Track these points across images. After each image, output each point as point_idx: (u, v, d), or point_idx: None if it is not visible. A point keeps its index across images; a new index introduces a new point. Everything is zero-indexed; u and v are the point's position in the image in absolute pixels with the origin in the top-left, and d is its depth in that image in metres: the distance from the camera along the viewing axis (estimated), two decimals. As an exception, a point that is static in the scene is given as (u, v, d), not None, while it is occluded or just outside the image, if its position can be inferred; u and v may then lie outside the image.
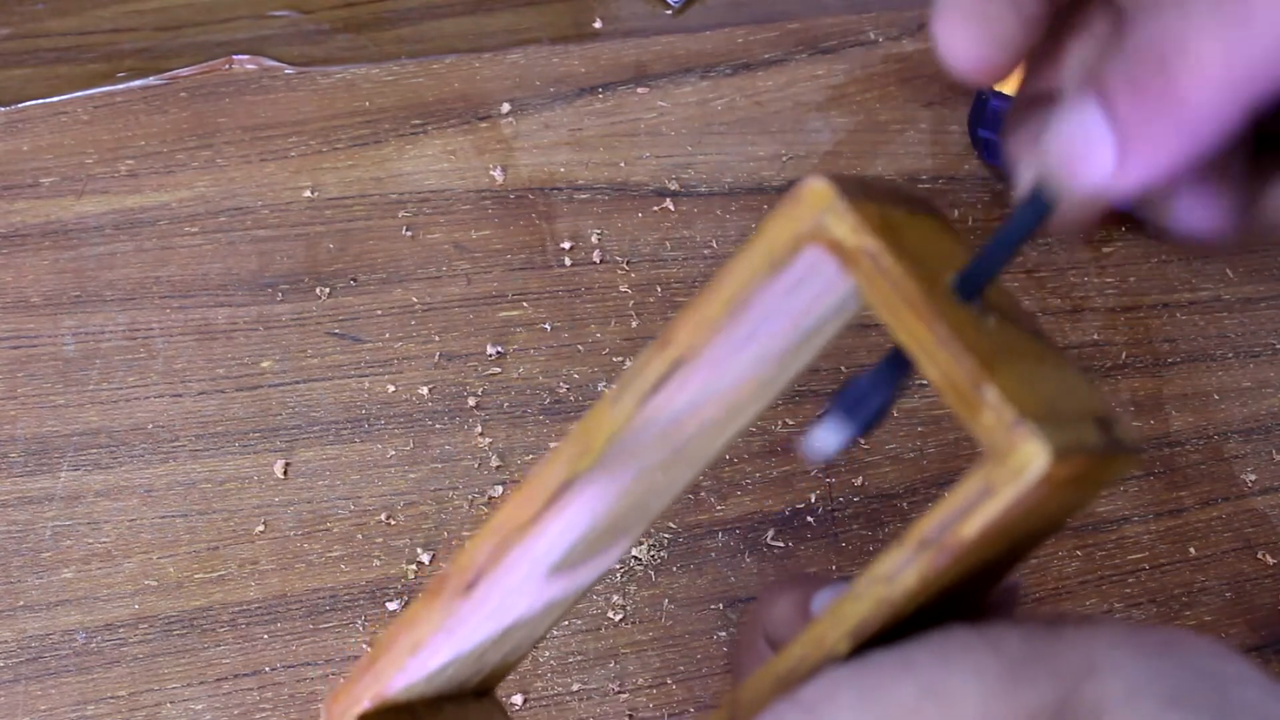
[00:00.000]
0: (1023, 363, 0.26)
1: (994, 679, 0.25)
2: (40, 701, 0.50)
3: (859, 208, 0.26)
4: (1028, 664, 0.26)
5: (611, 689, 0.51)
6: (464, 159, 0.62)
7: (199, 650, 0.51)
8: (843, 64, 0.66)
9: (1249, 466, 0.57)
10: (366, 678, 0.33)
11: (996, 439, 0.24)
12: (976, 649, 0.26)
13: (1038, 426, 0.24)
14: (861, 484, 0.55)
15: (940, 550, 0.26)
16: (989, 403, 0.25)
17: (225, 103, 0.63)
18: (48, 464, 0.54)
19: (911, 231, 0.27)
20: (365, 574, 0.52)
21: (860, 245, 0.26)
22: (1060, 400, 0.26)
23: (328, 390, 0.56)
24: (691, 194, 0.62)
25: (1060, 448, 0.24)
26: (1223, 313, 0.61)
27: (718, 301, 0.27)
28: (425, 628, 0.32)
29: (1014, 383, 0.25)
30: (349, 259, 0.59)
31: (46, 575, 0.52)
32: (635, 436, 0.29)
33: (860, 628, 0.27)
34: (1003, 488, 0.24)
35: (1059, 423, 0.25)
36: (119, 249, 0.59)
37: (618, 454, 0.29)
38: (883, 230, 0.26)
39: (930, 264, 0.27)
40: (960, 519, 0.25)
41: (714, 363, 0.28)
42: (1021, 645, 0.26)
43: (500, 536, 0.30)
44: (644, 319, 0.58)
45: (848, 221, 0.26)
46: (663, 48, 0.66)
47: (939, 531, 0.25)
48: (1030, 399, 0.25)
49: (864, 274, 0.26)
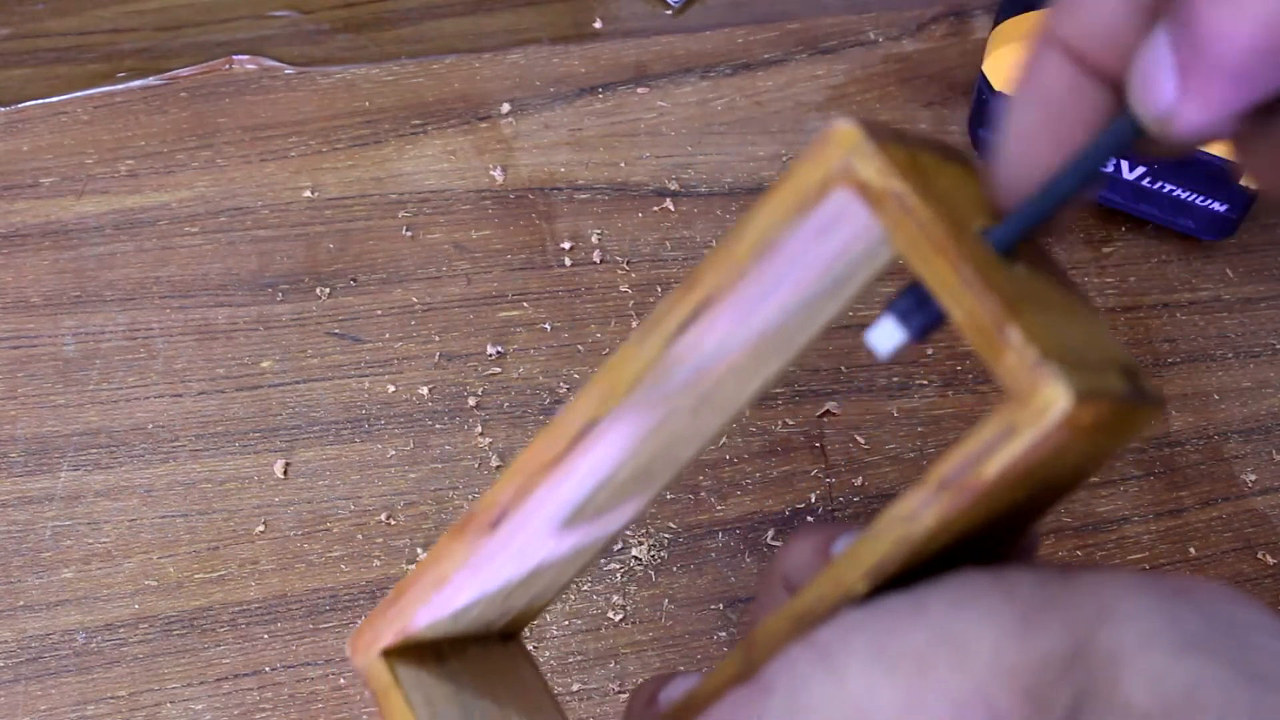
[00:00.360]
0: (1049, 310, 0.26)
1: (1008, 625, 0.25)
2: (40, 701, 0.50)
3: (886, 150, 0.26)
4: (1042, 610, 0.25)
5: (611, 689, 0.51)
6: (464, 159, 0.62)
7: (199, 650, 0.51)
8: (843, 64, 0.66)
9: (1249, 466, 0.57)
10: (391, 613, 0.33)
11: (1019, 380, 0.24)
12: (990, 594, 0.26)
13: (1060, 368, 0.24)
14: (861, 484, 0.55)
15: (960, 491, 0.26)
16: (1012, 343, 0.25)
17: (225, 103, 0.63)
18: (48, 464, 0.54)
19: (941, 176, 0.27)
20: (365, 574, 0.52)
21: (887, 187, 0.26)
22: (1085, 348, 0.26)
23: (328, 390, 0.56)
24: (691, 194, 0.62)
25: (1083, 390, 0.24)
26: (1223, 313, 0.61)
27: (745, 243, 0.27)
28: (450, 564, 0.32)
29: (1038, 327, 0.25)
30: (349, 259, 0.59)
31: (46, 575, 0.52)
32: (662, 378, 0.29)
33: (878, 568, 0.27)
34: (1024, 429, 0.24)
35: (1083, 368, 0.25)
36: (119, 249, 0.59)
37: (644, 396, 0.29)
38: (910, 173, 0.26)
39: (958, 209, 0.27)
40: (981, 459, 0.25)
41: (741, 306, 0.28)
42: (1035, 591, 0.26)
43: (525, 475, 0.30)
44: (644, 319, 0.58)
45: (875, 163, 0.26)
46: (663, 48, 0.66)
47: (959, 472, 0.25)
48: (1054, 343, 0.25)
49: (890, 216, 0.26)
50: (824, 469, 0.55)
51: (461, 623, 0.34)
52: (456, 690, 0.33)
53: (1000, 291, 0.25)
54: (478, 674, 0.34)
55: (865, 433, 0.56)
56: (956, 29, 0.68)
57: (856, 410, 0.57)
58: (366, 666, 0.33)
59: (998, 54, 0.58)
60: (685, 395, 0.30)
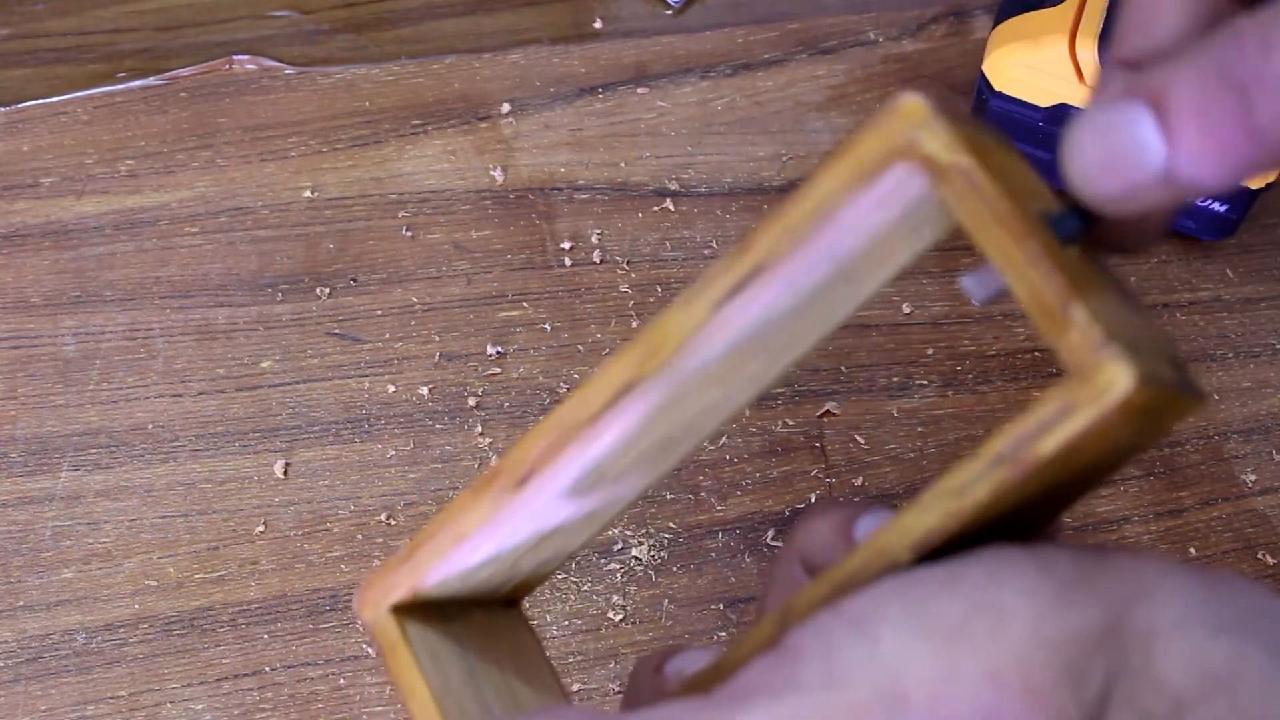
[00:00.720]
0: (1106, 293, 0.27)
1: (1045, 599, 0.25)
2: (40, 701, 0.50)
3: (952, 125, 0.26)
4: (1078, 586, 0.26)
5: (611, 689, 0.51)
6: (464, 159, 0.62)
7: (199, 650, 0.51)
8: (843, 64, 0.66)
9: (1249, 466, 0.57)
10: (405, 568, 0.32)
11: (1082, 358, 0.25)
12: (1028, 568, 0.26)
13: (1123, 349, 0.25)
14: (861, 484, 0.55)
15: (1015, 466, 0.26)
16: (1076, 321, 0.25)
17: (225, 103, 0.63)
18: (48, 464, 0.54)
19: (1002, 156, 0.27)
20: (365, 574, 0.52)
21: (954, 162, 0.26)
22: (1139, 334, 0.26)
23: (328, 390, 0.56)
24: (691, 194, 0.62)
25: (1143, 374, 0.25)
26: (1223, 313, 0.61)
27: (802, 210, 0.27)
28: (472, 519, 0.31)
29: (1100, 308, 0.25)
30: (349, 259, 0.59)
31: (46, 575, 0.52)
32: (703, 344, 0.29)
33: (925, 540, 0.27)
34: (1084, 407, 0.25)
35: (1141, 351, 0.25)
36: (119, 249, 0.59)
37: (684, 360, 0.29)
38: (974, 150, 0.26)
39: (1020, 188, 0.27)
40: (1038, 435, 0.25)
41: (791, 274, 0.28)
42: (1072, 567, 0.26)
43: (557, 433, 0.30)
44: (644, 319, 0.58)
45: (942, 138, 0.26)
46: (663, 48, 0.66)
47: (1016, 447, 0.26)
48: (1115, 324, 0.25)
49: (955, 191, 0.26)
50: (824, 469, 0.55)
51: (470, 584, 0.34)
52: (461, 652, 0.33)
53: (1065, 270, 0.25)
54: (481, 638, 0.34)
55: (865, 433, 0.56)
56: (956, 29, 0.68)
57: (856, 410, 0.57)
58: (375, 621, 0.33)
59: (998, 54, 0.58)
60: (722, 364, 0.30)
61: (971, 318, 0.59)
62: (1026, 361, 0.58)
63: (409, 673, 0.32)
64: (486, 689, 0.33)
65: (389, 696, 0.50)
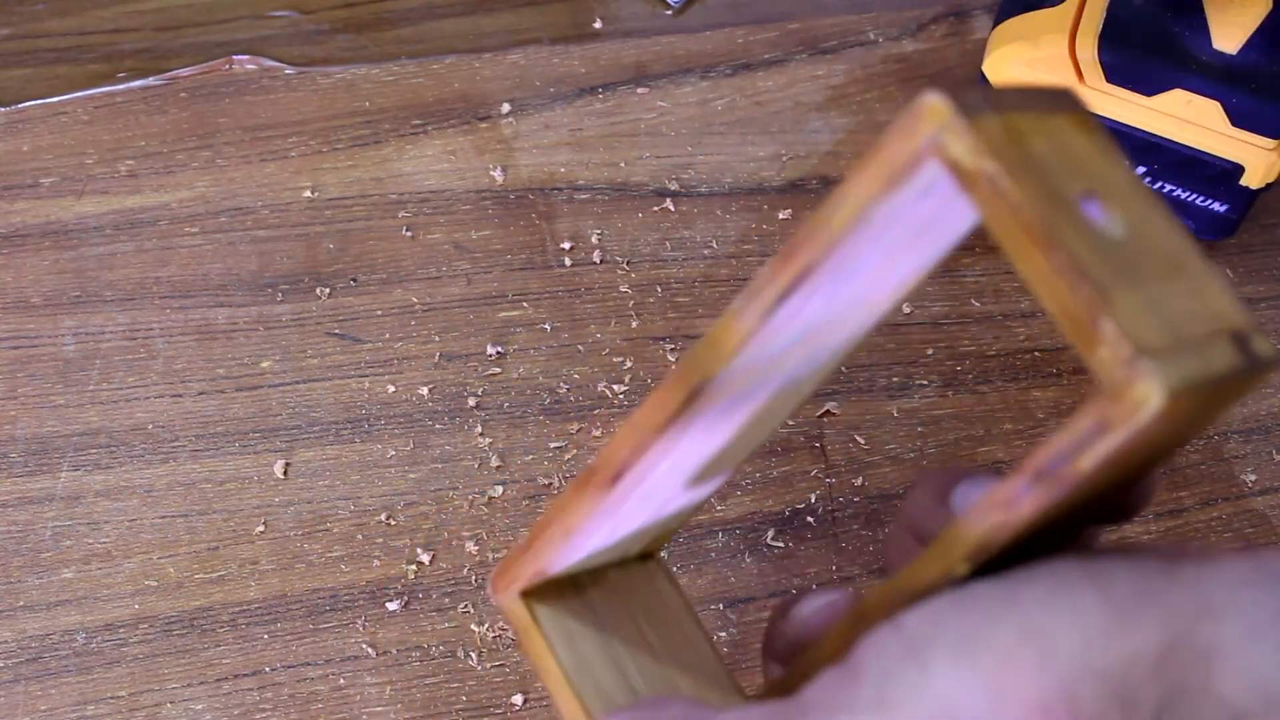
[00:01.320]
0: (1152, 281, 0.26)
1: (1097, 622, 0.25)
2: (40, 701, 0.50)
3: (978, 125, 0.25)
4: (1136, 605, 0.25)
5: (611, 689, 0.51)
6: (464, 159, 0.62)
7: (199, 650, 0.51)
8: (842, 64, 0.66)
9: (1249, 467, 0.57)
10: (525, 558, 0.34)
11: (1113, 374, 0.24)
12: (1082, 588, 0.26)
13: (1155, 364, 0.24)
14: (861, 484, 0.55)
15: (1057, 482, 0.25)
16: (1106, 337, 0.24)
17: (225, 103, 0.63)
18: (48, 464, 0.54)
19: (1042, 138, 0.26)
20: (365, 574, 0.52)
21: (978, 166, 0.25)
22: (1190, 320, 0.25)
23: (328, 390, 0.56)
24: (691, 194, 0.62)
25: (1178, 384, 0.24)
26: (1223, 313, 0.61)
27: (840, 216, 0.27)
28: (576, 516, 0.32)
29: (1136, 309, 0.25)
30: (349, 259, 0.59)
31: (46, 575, 0.52)
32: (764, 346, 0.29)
33: (978, 551, 0.27)
34: (1118, 424, 0.24)
35: (1183, 351, 0.25)
36: (119, 249, 0.59)
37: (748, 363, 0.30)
38: (1005, 146, 0.25)
39: (1058, 174, 0.26)
40: (1076, 453, 0.25)
41: (839, 275, 0.28)
42: (1131, 584, 0.26)
43: (640, 435, 0.31)
44: (644, 319, 0.58)
45: (965, 141, 0.25)
46: (663, 48, 0.66)
47: (1056, 464, 0.25)
48: (1153, 327, 0.25)
49: (982, 195, 0.25)
50: (824, 469, 0.55)
51: (597, 559, 0.35)
52: (595, 620, 0.35)
53: (1095, 276, 0.25)
54: (616, 599, 0.36)
55: (865, 433, 0.56)
56: (956, 29, 0.68)
57: (856, 410, 0.57)
58: (507, 606, 0.35)
59: (998, 54, 0.58)
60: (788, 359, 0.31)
61: (971, 318, 0.59)
62: (1026, 361, 0.58)
63: (542, 654, 0.34)
64: (623, 657, 0.35)
65: (389, 696, 0.50)
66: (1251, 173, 0.56)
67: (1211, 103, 0.56)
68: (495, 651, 0.51)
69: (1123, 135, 0.57)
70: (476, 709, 0.50)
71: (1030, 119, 0.27)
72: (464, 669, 0.51)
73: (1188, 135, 0.57)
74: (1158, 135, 0.57)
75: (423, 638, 0.51)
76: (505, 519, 0.54)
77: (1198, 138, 0.56)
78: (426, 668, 0.51)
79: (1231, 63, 0.56)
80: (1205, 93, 0.56)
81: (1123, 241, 0.26)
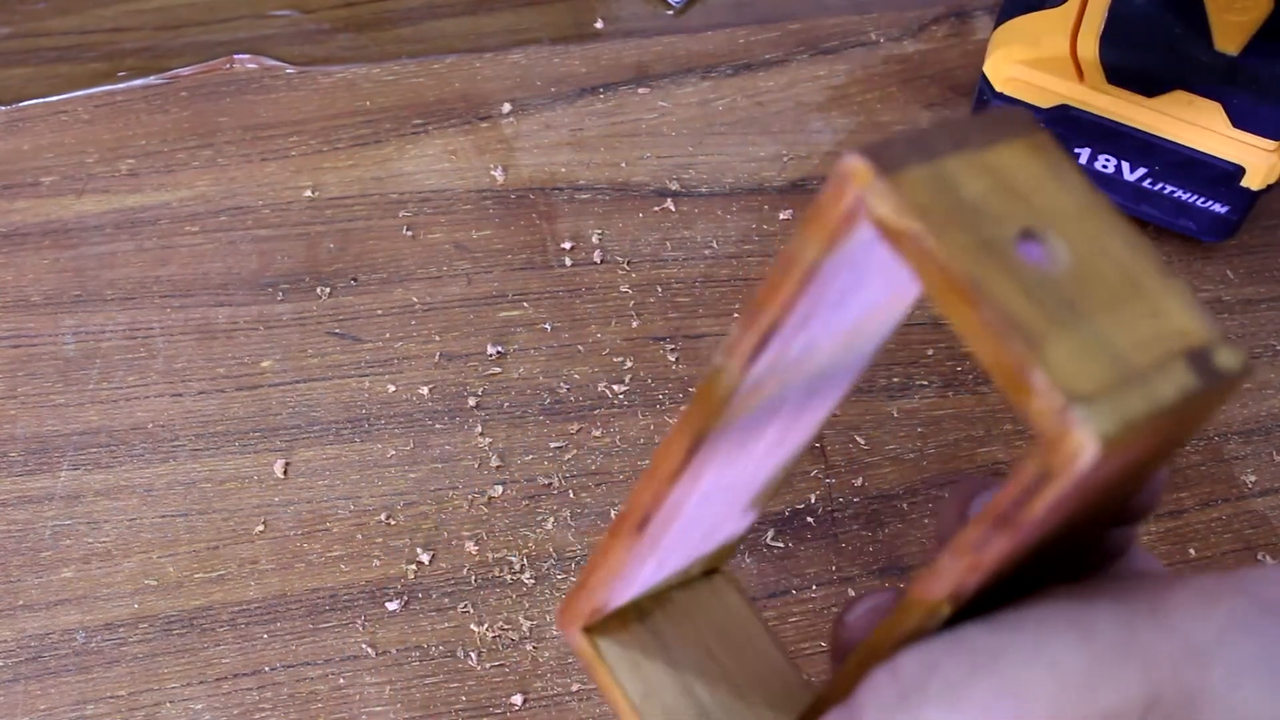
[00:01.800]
0: (1099, 313, 0.25)
1: (1072, 678, 0.25)
2: (40, 701, 0.50)
3: (902, 182, 0.25)
4: (1118, 657, 0.25)
5: (611, 689, 0.51)
6: (465, 159, 0.62)
7: (199, 650, 0.51)
8: (844, 64, 0.66)
9: (1249, 468, 0.57)
10: (581, 596, 0.35)
11: (1048, 425, 0.24)
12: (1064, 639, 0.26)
13: (1087, 412, 0.24)
14: (861, 484, 0.55)
15: (1017, 528, 0.25)
16: (1037, 388, 0.24)
17: (226, 102, 0.63)
18: (48, 463, 0.54)
19: (980, 178, 0.26)
20: (365, 574, 0.52)
21: (903, 226, 0.25)
22: (1140, 348, 0.25)
23: (328, 390, 0.56)
24: (692, 194, 0.62)
25: (1115, 429, 0.24)
26: (1223, 313, 0.60)
27: (790, 281, 0.27)
28: (616, 560, 0.33)
29: (1073, 352, 0.24)
30: (349, 259, 0.59)
31: (46, 575, 0.52)
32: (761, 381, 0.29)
33: (958, 592, 0.27)
34: (1059, 474, 0.24)
35: (1125, 388, 0.24)
36: (119, 248, 0.59)
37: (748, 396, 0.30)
38: (933, 198, 0.25)
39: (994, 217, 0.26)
40: (1026, 501, 0.25)
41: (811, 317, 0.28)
42: (1115, 633, 0.26)
43: (656, 483, 0.31)
44: (644, 319, 0.58)
45: (889, 202, 0.25)
46: (664, 48, 0.66)
47: (1010, 510, 0.25)
48: (1090, 369, 0.24)
49: (909, 253, 0.25)
50: (824, 469, 0.55)
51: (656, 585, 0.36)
52: (661, 646, 0.36)
53: (1027, 326, 0.24)
54: (683, 621, 0.36)
55: (865, 433, 0.56)
56: (958, 30, 0.68)
57: (856, 410, 0.57)
58: (572, 642, 0.36)
59: (999, 55, 0.58)
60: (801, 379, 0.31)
61: (972, 318, 0.59)
62: (1027, 362, 0.58)
63: (609, 686, 0.35)
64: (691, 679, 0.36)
65: (388, 696, 0.50)
66: (1252, 174, 0.56)
67: (1213, 104, 0.56)
68: (495, 651, 0.51)
69: (1123, 136, 0.57)
70: (476, 709, 0.50)
71: (969, 158, 0.26)
72: (463, 669, 0.51)
73: (1189, 136, 0.56)
74: (1159, 136, 0.57)
75: (422, 637, 0.51)
76: (505, 519, 0.54)
77: (1199, 139, 0.56)
78: (426, 667, 0.51)
79: (1233, 64, 0.56)
80: (1206, 94, 0.56)
81: (1067, 275, 0.26)
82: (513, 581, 0.52)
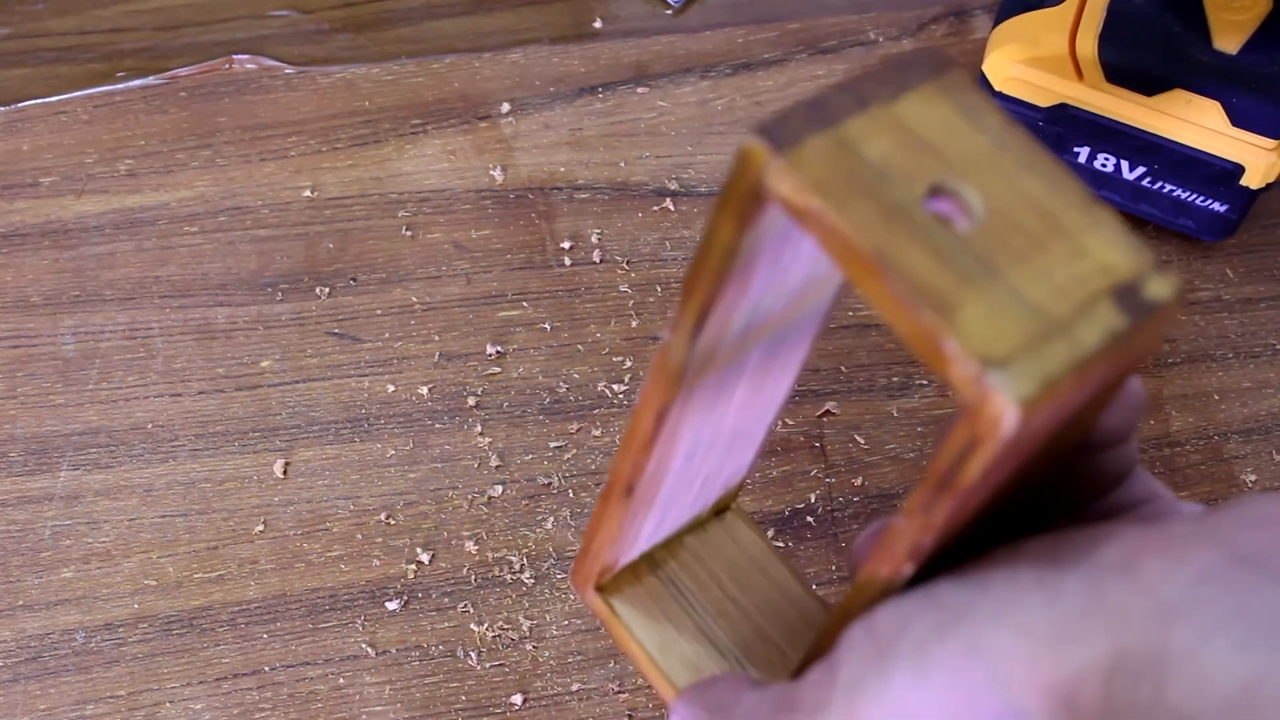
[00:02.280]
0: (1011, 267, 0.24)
1: (1041, 638, 0.25)
2: (40, 701, 0.50)
3: (799, 157, 0.25)
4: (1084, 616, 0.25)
5: (611, 689, 0.51)
6: (464, 159, 0.62)
7: (198, 650, 0.51)
8: (843, 64, 0.66)
9: (1249, 467, 0.57)
10: (588, 560, 0.35)
11: (968, 392, 0.24)
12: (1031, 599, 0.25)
13: (1004, 376, 0.23)
14: (861, 484, 0.55)
15: (956, 491, 0.25)
16: (952, 357, 0.23)
17: (225, 102, 0.63)
18: (47, 464, 0.54)
19: (884, 135, 0.25)
20: (365, 574, 0.52)
21: (803, 204, 0.25)
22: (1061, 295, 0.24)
23: (327, 390, 0.56)
24: (691, 194, 0.62)
25: (1036, 388, 0.23)
26: (1223, 313, 0.60)
27: (711, 263, 0.27)
28: (614, 524, 0.34)
29: (987, 313, 0.24)
30: (349, 259, 0.59)
31: (46, 575, 0.52)
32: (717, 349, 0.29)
33: (914, 552, 0.27)
34: (986, 439, 0.24)
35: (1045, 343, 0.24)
36: (119, 249, 0.59)
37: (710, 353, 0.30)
38: (833, 168, 0.25)
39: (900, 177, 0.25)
40: (959, 465, 0.25)
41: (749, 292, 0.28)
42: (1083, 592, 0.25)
43: (632, 453, 0.32)
44: (644, 319, 0.58)
45: (788, 180, 0.25)
46: (663, 48, 0.66)
47: (949, 475, 0.25)
48: (1006, 330, 0.24)
49: (813, 229, 0.25)
50: (824, 469, 0.55)
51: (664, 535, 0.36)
52: (675, 594, 0.36)
53: (937, 293, 0.24)
54: (695, 564, 0.37)
55: (865, 433, 0.56)
56: (956, 29, 0.68)
57: (856, 410, 0.57)
58: (587, 601, 0.36)
59: (998, 54, 0.58)
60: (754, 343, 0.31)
61: (971, 318, 0.59)
62: (1026, 361, 0.58)
63: (626, 640, 0.36)
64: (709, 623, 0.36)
65: (388, 696, 0.50)
66: (1251, 173, 0.56)
67: (1212, 103, 0.56)
68: (495, 651, 0.51)
69: (1122, 134, 0.57)
70: (476, 709, 0.50)
71: (874, 115, 0.26)
72: (463, 668, 0.51)
73: (1188, 135, 0.56)
74: (1158, 135, 0.57)
75: (422, 637, 0.51)
76: (505, 518, 0.54)
77: (1198, 138, 0.56)
78: (426, 667, 0.51)
79: (1232, 63, 0.56)
80: (1205, 93, 0.56)
81: (981, 228, 0.25)
82: (512, 581, 0.52)
